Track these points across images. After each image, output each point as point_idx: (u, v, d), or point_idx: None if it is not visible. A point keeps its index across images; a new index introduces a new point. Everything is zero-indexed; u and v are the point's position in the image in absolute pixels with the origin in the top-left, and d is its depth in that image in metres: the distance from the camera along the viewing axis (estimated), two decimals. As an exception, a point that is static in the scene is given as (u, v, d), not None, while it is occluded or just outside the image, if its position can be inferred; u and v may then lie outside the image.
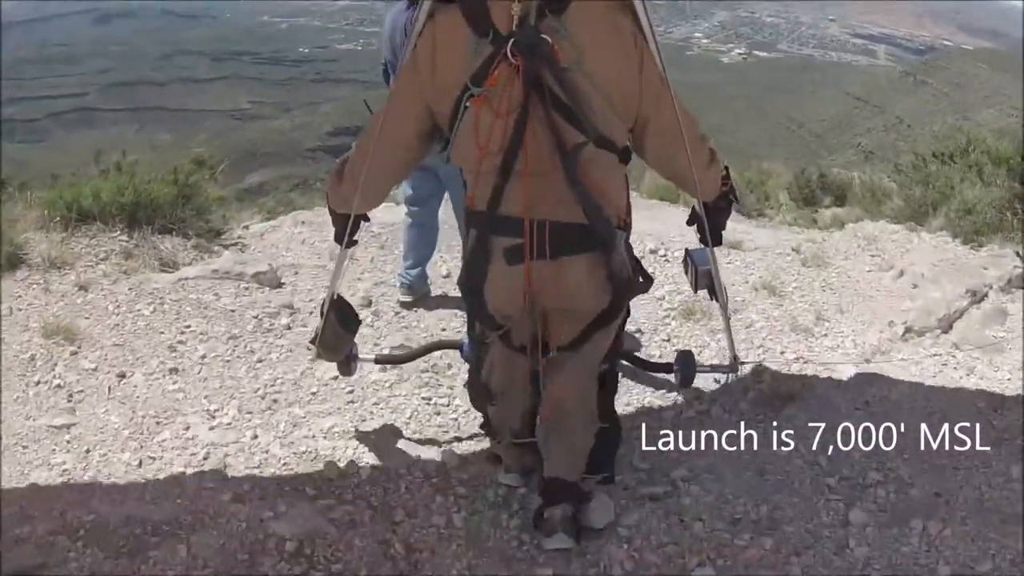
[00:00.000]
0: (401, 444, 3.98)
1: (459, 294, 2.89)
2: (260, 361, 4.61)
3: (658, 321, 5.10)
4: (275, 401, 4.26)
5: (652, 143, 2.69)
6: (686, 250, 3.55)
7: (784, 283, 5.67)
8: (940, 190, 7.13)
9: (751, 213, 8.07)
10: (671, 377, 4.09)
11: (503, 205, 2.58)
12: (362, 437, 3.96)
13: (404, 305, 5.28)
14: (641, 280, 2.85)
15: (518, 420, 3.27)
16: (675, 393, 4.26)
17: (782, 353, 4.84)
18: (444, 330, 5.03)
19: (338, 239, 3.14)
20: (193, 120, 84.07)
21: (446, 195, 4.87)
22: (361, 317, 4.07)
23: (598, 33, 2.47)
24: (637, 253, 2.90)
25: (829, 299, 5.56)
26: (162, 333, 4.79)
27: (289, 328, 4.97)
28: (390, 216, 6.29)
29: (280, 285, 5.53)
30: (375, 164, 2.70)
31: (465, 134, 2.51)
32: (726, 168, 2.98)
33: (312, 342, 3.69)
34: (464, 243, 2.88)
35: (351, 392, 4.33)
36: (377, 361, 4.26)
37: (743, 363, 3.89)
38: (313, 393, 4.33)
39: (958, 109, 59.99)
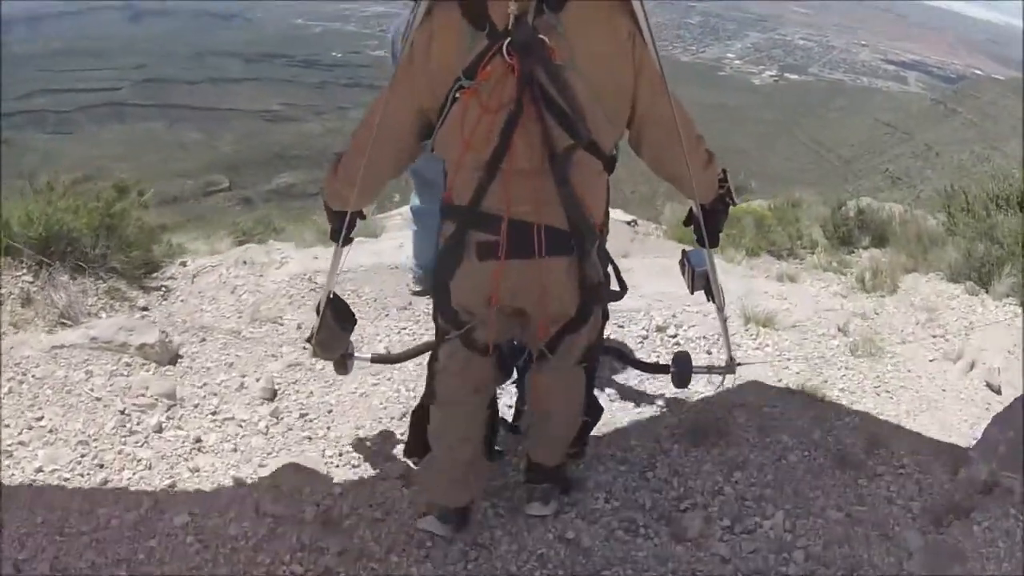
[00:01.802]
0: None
1: None
2: (105, 483, 3.52)
3: (655, 448, 3.91)
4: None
5: (649, 143, 2.71)
6: (683, 251, 3.50)
7: (829, 383, 4.49)
8: (1008, 247, 6.17)
9: (781, 254, 7.47)
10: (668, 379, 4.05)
11: (485, 201, 2.59)
12: None
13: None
14: (618, 288, 2.96)
15: (459, 432, 3.16)
16: None
17: (822, 510, 3.48)
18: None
19: (334, 236, 3.11)
20: (223, 120, 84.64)
21: None
22: (258, 417, 3.99)
23: (595, 32, 2.48)
24: (642, 326, 3.20)
25: (886, 407, 4.33)
26: (7, 426, 3.74)
27: (160, 431, 3.88)
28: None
29: (175, 359, 4.53)
30: (371, 161, 2.68)
31: (451, 126, 2.52)
32: (723, 171, 2.96)
33: (308, 340, 3.64)
34: (438, 237, 2.82)
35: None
36: (373, 360, 4.14)
37: (739, 364, 3.82)
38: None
39: (987, 139, 59.39)
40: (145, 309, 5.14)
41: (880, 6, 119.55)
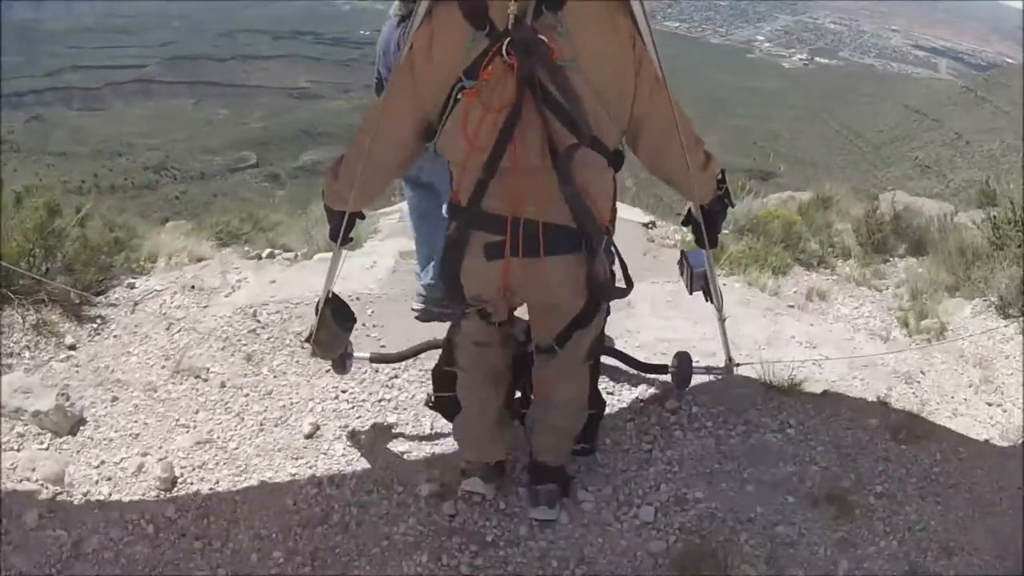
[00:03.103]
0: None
1: None
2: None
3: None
4: None
5: (647, 144, 2.70)
6: (682, 252, 3.51)
7: (863, 483, 3.53)
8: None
9: (811, 262, 7.14)
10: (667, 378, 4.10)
11: (485, 201, 2.60)
12: None
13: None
14: (625, 285, 2.95)
15: (485, 394, 3.24)
16: None
17: None
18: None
19: (333, 236, 3.11)
20: (250, 96, 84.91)
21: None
22: (149, 517, 3.36)
23: (594, 32, 2.47)
24: (637, 393, 3.37)
25: (932, 518, 3.37)
26: None
27: (37, 529, 3.22)
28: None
29: (77, 427, 3.87)
30: (371, 162, 2.69)
31: (453, 127, 2.51)
32: (722, 171, 2.95)
33: (307, 340, 3.59)
34: (444, 234, 2.82)
35: None
36: (372, 360, 4.15)
37: (737, 364, 3.74)
38: None
39: (1018, 128, 58.28)
40: (72, 348, 4.58)
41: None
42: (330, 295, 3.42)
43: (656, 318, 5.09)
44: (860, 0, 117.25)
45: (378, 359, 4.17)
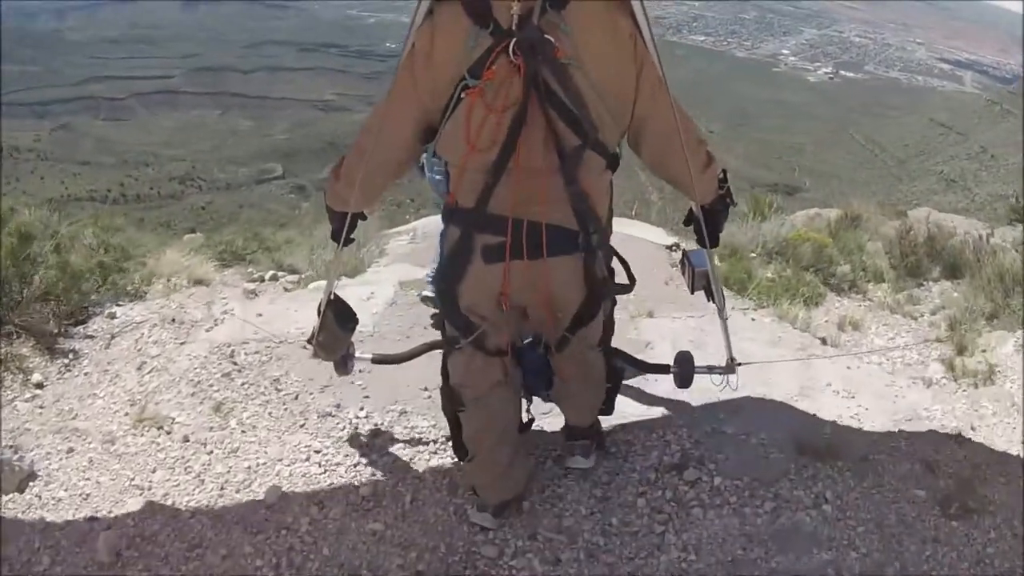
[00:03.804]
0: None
1: None
2: None
3: None
4: None
5: (649, 144, 2.69)
6: (683, 251, 3.49)
7: (910, 574, 3.09)
8: None
9: (842, 287, 6.82)
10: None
11: (491, 203, 2.56)
12: None
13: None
14: (627, 282, 3.01)
15: (495, 433, 3.15)
16: None
17: None
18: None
19: (335, 237, 3.08)
20: (275, 108, 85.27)
21: None
22: None
23: (596, 32, 2.46)
24: (651, 460, 3.22)
25: None
26: None
27: None
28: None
29: (25, 484, 3.57)
30: (372, 163, 2.67)
31: (455, 127, 2.49)
32: (723, 171, 2.92)
33: (309, 341, 3.52)
34: (441, 242, 2.81)
35: None
36: (374, 361, 4.05)
37: (739, 364, 3.62)
38: None
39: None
40: (40, 386, 4.30)
41: (935, 5, 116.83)
42: (332, 297, 3.37)
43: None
44: (885, 1, 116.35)
45: (380, 360, 4.07)
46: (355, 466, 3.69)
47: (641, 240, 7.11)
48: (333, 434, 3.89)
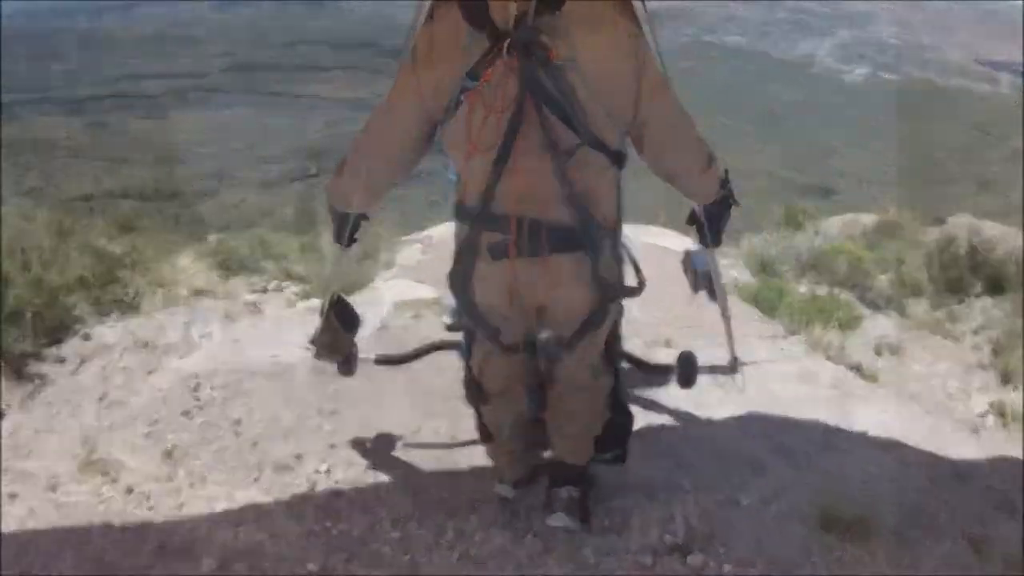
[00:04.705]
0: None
1: None
2: None
3: None
4: None
5: (650, 143, 2.73)
6: (685, 251, 3.51)
7: None
8: None
9: (879, 303, 6.51)
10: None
11: (494, 201, 2.61)
12: None
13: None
14: (637, 284, 2.94)
15: (508, 425, 3.26)
16: None
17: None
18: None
19: (338, 238, 3.14)
20: (311, 107, 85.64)
21: None
22: None
23: (595, 31, 2.50)
24: (653, 536, 2.93)
25: None
26: None
27: None
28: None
29: None
30: (375, 163, 2.76)
31: (457, 128, 2.55)
32: (725, 171, 2.96)
33: (312, 342, 3.53)
34: (456, 240, 2.85)
35: None
36: (377, 361, 4.10)
37: (743, 364, 3.64)
38: None
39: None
40: None
41: (972, 5, 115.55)
42: (335, 297, 3.42)
43: (698, 408, 4.22)
44: (920, 1, 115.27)
45: (383, 360, 4.12)
46: (306, 536, 3.31)
47: (664, 249, 6.82)
48: (288, 491, 3.55)
